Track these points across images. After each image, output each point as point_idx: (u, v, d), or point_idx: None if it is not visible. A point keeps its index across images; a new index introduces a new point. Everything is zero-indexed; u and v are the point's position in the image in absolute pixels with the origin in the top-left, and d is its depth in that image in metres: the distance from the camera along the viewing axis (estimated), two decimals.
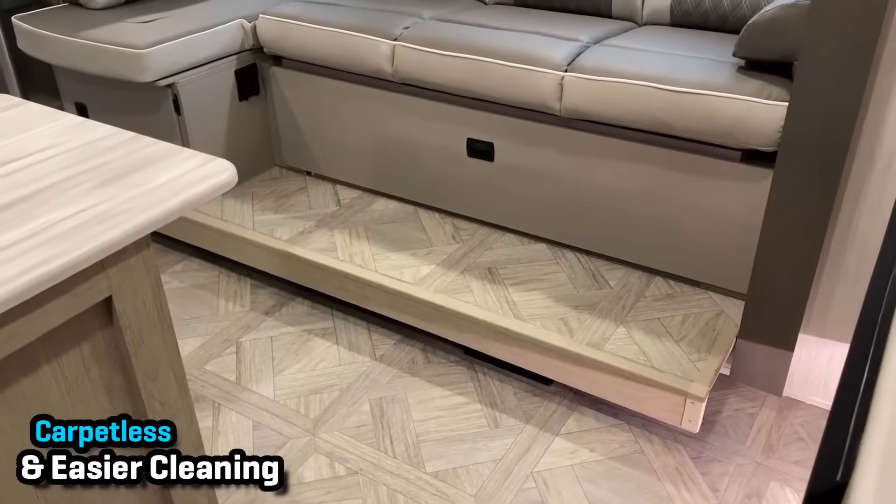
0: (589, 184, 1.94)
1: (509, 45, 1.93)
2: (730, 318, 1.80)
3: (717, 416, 1.78)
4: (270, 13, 2.29)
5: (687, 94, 1.68)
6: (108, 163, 0.99)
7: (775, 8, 1.62)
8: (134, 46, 2.09)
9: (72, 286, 0.84)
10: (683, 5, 2.07)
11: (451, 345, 1.96)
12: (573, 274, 1.98)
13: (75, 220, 0.86)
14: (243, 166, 2.45)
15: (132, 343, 0.94)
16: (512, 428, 1.75)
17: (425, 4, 2.33)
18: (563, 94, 1.84)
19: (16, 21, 2.34)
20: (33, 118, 1.14)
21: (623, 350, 1.70)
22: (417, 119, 2.16)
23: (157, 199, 0.90)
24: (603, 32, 2.04)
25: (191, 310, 2.17)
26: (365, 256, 2.06)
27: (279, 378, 1.91)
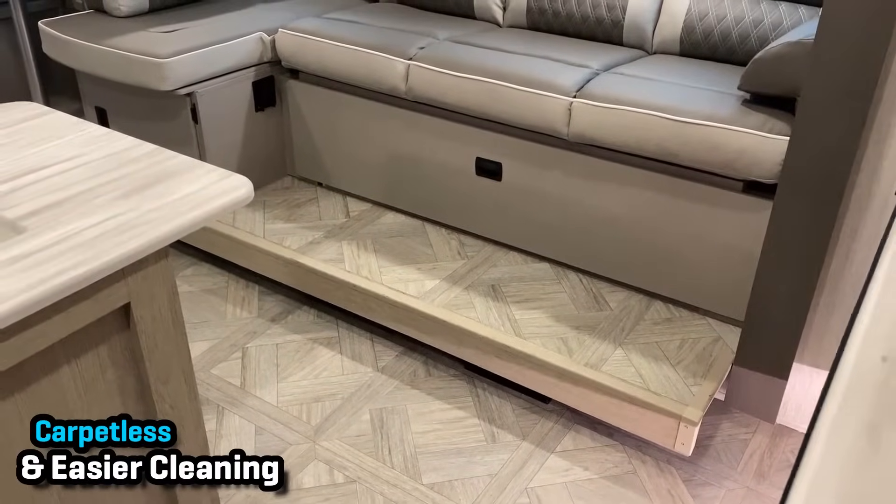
0: (593, 207, 1.98)
1: (521, 70, 1.98)
2: (727, 344, 1.84)
3: (711, 440, 1.81)
4: (289, 28, 2.35)
5: (692, 125, 1.72)
6: (132, 174, 1.04)
7: (781, 45, 1.66)
8: (156, 56, 2.15)
9: (94, 292, 0.89)
10: (693, 36, 2.12)
11: (452, 359, 2.00)
12: (575, 294, 2.02)
13: (100, 229, 0.91)
14: (257, 175, 2.49)
15: (147, 347, 0.99)
16: (508, 443, 1.78)
17: (441, 25, 2.39)
18: (571, 118, 1.88)
19: (42, 26, 2.41)
20: (61, 127, 1.19)
21: (620, 372, 1.74)
22: (429, 136, 2.21)
23: (177, 211, 0.95)
24: (613, 60, 2.09)
25: (199, 314, 2.21)
26: (371, 269, 2.11)
27: (283, 385, 1.95)
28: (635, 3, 2.20)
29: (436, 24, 2.40)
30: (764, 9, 2.02)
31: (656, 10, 2.19)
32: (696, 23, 2.10)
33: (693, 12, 2.11)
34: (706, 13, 2.09)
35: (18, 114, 1.24)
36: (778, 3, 2.02)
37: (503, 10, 2.46)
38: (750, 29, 2.03)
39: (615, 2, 2.22)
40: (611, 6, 2.22)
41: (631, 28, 2.21)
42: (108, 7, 2.42)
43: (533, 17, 2.37)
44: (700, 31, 2.10)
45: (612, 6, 2.22)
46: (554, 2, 2.31)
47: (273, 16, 2.48)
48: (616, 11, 2.22)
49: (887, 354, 0.37)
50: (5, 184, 1.01)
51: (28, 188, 1.00)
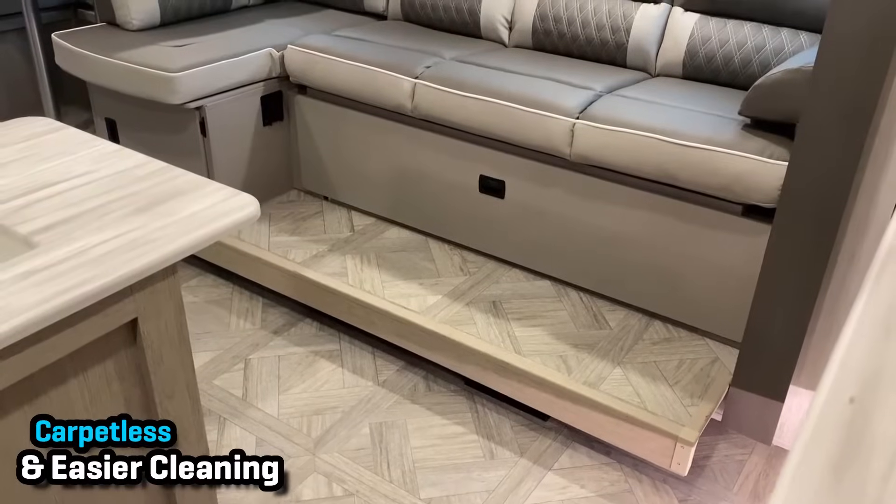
0: (595, 226, 2.01)
1: (525, 90, 2.01)
2: (724, 365, 1.85)
3: (707, 460, 1.83)
4: (299, 44, 2.39)
5: (693, 149, 1.74)
6: (142, 191, 1.07)
7: (781, 71, 1.69)
8: (166, 70, 2.18)
9: (103, 307, 0.91)
10: (696, 60, 2.15)
11: (452, 374, 2.02)
12: (575, 312, 2.04)
13: (110, 245, 0.93)
14: (263, 188, 2.53)
15: (152, 362, 1.01)
16: (506, 460, 1.80)
17: (447, 45, 2.42)
18: (573, 139, 1.91)
19: (56, 38, 2.45)
20: (73, 143, 1.22)
21: (618, 391, 1.75)
22: (433, 154, 2.24)
23: (186, 229, 0.98)
24: (616, 82, 2.12)
25: (203, 325, 2.24)
26: (374, 283, 2.13)
27: (284, 397, 1.97)
28: (639, 26, 2.23)
29: (442, 43, 2.43)
30: (766, 34, 2.05)
31: (660, 33, 2.23)
32: (699, 47, 2.13)
33: (696, 36, 2.14)
34: (709, 37, 2.12)
35: (32, 129, 1.27)
36: (780, 29, 2.05)
37: (509, 31, 2.50)
38: (752, 54, 2.05)
39: (619, 24, 2.25)
40: (615, 28, 2.26)
41: (634, 50, 2.24)
42: (121, 20, 2.47)
43: (538, 37, 2.40)
44: (703, 55, 2.13)
45: (617, 28, 2.25)
46: (559, 23, 2.34)
47: (282, 32, 2.52)
48: (620, 34, 2.25)
49: (855, 395, 0.39)
50: (19, 198, 1.04)
51: (41, 203, 1.03)
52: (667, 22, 2.23)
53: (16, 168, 1.13)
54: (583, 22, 2.30)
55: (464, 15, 2.53)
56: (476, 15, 2.51)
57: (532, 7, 2.40)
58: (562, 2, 2.35)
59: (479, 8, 2.50)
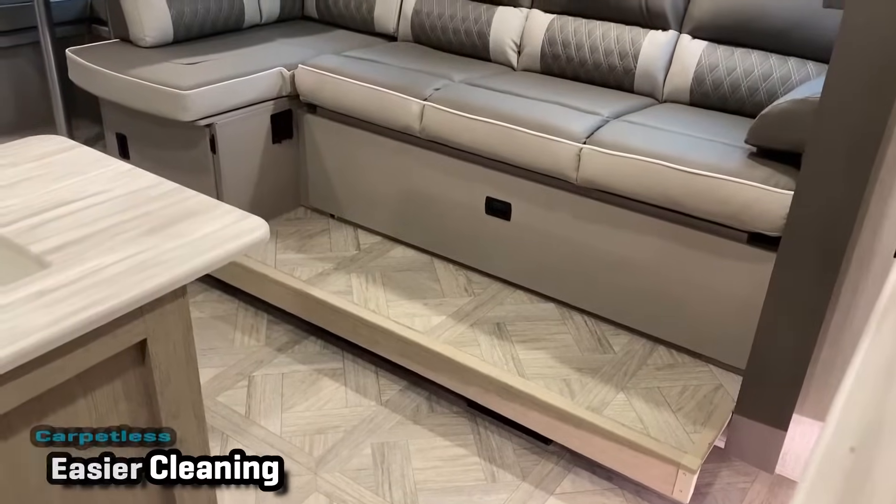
0: (600, 250, 2.02)
1: (533, 114, 2.03)
2: (728, 392, 1.85)
3: (709, 487, 1.82)
4: (309, 64, 2.42)
5: (698, 176, 1.76)
6: (153, 212, 1.08)
7: (787, 101, 1.70)
8: (178, 87, 2.21)
9: (113, 328, 0.92)
10: (703, 87, 2.16)
11: (455, 396, 2.02)
12: (579, 336, 2.04)
13: (121, 266, 0.94)
14: (271, 205, 2.55)
15: (160, 382, 1.02)
16: (508, 483, 1.80)
17: (457, 67, 2.45)
18: (580, 164, 1.92)
19: (69, 54, 2.48)
20: (86, 162, 1.24)
21: (621, 416, 1.75)
22: (440, 175, 2.26)
23: (196, 251, 0.99)
24: (623, 108, 2.13)
25: (208, 341, 2.25)
26: (379, 302, 2.14)
27: (287, 415, 1.98)
28: (647, 52, 2.25)
29: (451, 66, 2.45)
30: (773, 63, 2.07)
31: (668, 59, 2.24)
32: (707, 74, 2.15)
33: (704, 63, 2.16)
34: (716, 65, 2.14)
35: (45, 147, 1.29)
36: (787, 58, 2.06)
37: (518, 54, 2.52)
38: (759, 82, 2.07)
39: (627, 50, 2.27)
40: (623, 54, 2.28)
41: (642, 76, 2.26)
42: (134, 37, 2.50)
43: (546, 62, 2.42)
44: (710, 82, 2.15)
45: (625, 54, 2.27)
46: (567, 48, 2.36)
47: (293, 51, 2.55)
48: (628, 59, 2.27)
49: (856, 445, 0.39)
50: (32, 217, 1.06)
51: (54, 223, 1.04)
52: (675, 49, 2.24)
53: (29, 187, 1.15)
54: (591, 47, 2.32)
55: (473, 38, 2.56)
56: (485, 38, 2.53)
57: (541, 31, 2.42)
58: (571, 26, 2.37)
59: (489, 31, 2.52)
